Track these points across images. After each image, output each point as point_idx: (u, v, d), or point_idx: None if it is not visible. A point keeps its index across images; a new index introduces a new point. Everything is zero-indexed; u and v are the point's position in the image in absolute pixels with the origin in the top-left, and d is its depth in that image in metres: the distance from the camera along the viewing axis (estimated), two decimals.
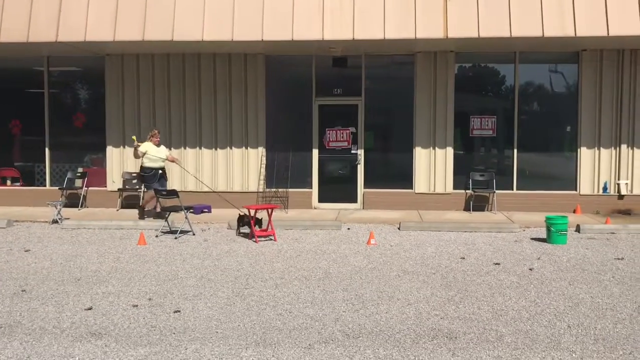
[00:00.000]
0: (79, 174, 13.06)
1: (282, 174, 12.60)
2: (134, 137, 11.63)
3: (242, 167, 12.67)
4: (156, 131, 11.55)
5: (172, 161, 11.70)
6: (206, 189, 12.51)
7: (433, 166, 12.43)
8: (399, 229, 10.50)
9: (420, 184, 12.49)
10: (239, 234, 9.99)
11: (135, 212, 11.47)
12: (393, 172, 12.87)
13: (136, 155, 11.49)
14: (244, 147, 12.68)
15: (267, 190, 12.65)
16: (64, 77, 13.51)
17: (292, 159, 12.59)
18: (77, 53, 12.46)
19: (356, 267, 7.60)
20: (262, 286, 6.66)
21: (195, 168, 12.71)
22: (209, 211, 12.18)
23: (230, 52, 12.42)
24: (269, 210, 9.72)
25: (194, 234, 9.93)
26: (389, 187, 12.64)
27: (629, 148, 12.09)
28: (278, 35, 10.99)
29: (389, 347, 4.77)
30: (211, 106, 12.68)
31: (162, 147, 11.64)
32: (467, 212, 12.15)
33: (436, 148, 12.39)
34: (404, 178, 12.61)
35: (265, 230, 9.66)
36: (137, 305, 5.91)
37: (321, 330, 5.19)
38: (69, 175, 13.02)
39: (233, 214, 11.39)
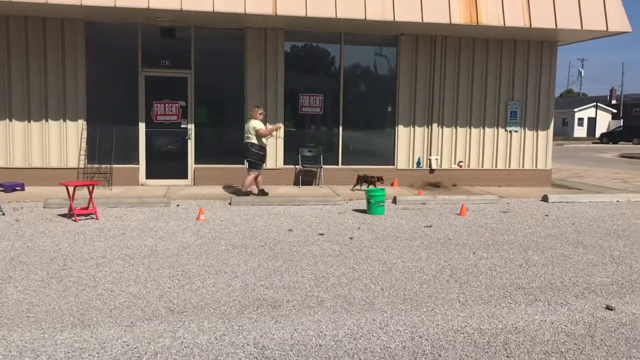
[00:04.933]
0: None
1: (106, 148, 11.92)
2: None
3: (59, 142, 11.76)
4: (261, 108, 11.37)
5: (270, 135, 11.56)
6: (18, 165, 11.46)
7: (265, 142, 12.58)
8: (229, 204, 10.53)
9: None
10: (354, 190, 11.97)
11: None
12: (225, 148, 12.81)
13: (266, 135, 11.22)
14: (61, 120, 11.77)
15: (89, 166, 11.90)
16: None
17: (116, 133, 11.95)
18: None
19: (184, 243, 7.51)
20: (81, 266, 6.30)
21: (5, 141, 11.54)
22: (22, 189, 11.20)
23: (45, 15, 11.38)
24: (90, 187, 9.18)
25: (3, 214, 9.05)
26: (221, 163, 12.59)
27: (439, 127, 13.31)
28: (99, 1, 10.28)
29: (214, 320, 4.81)
30: (23, 75, 11.55)
31: None
32: (296, 187, 12.55)
33: (267, 125, 12.57)
34: (236, 154, 12.61)
35: (86, 208, 9.12)
36: None
37: (144, 307, 5.07)
38: None
39: (49, 192, 10.59)
